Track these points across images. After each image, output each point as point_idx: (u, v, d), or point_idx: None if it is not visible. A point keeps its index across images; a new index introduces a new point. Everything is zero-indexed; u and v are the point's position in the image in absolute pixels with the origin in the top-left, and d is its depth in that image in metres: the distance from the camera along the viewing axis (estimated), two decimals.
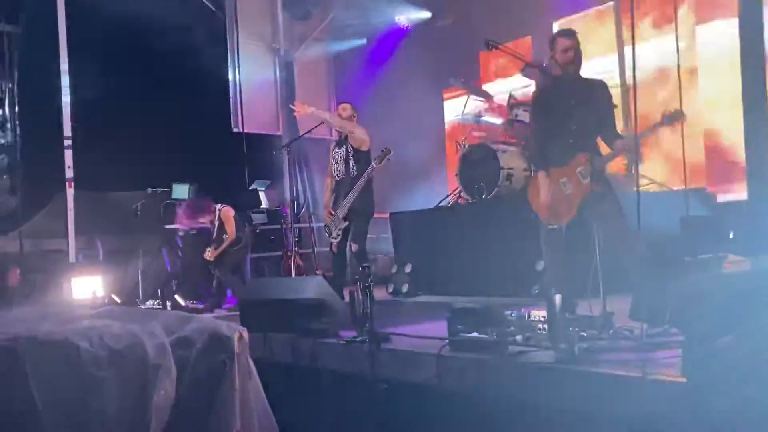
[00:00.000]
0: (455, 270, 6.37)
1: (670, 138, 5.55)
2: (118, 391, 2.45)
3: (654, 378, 2.64)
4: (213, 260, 6.91)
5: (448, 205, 7.34)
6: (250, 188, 9.22)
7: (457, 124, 8.01)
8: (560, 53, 4.14)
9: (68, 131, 7.32)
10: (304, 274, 7.55)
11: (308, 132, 6.76)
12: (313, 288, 4.59)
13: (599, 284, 3.62)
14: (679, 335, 2.94)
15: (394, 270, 6.90)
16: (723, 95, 6.43)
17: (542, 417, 3.07)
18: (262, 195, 9.30)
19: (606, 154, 4.12)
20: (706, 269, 3.35)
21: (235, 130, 9.43)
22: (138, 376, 2.48)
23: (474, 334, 3.45)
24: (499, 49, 5.57)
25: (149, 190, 8.11)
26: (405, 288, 6.68)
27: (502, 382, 3.21)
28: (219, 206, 7.06)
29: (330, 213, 5.93)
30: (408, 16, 9.70)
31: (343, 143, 5.95)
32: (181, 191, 8.19)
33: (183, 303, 6.84)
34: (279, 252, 8.45)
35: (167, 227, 7.82)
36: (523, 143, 6.45)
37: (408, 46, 9.58)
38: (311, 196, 10.21)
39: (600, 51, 7.46)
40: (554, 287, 4.08)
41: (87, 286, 6.57)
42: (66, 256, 7.16)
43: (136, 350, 2.52)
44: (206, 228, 7.10)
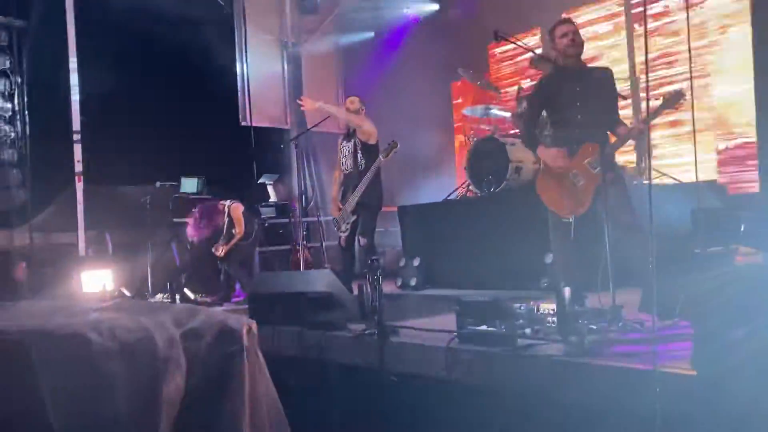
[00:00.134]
0: (464, 263, 6.35)
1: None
2: (129, 384, 2.45)
3: (664, 371, 2.62)
4: (223, 255, 6.92)
5: (457, 199, 7.32)
6: (259, 182, 9.23)
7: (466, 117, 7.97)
8: (559, 39, 4.11)
9: (77, 126, 7.36)
10: (312, 268, 7.56)
11: (316, 126, 6.76)
12: (322, 281, 4.60)
13: (609, 277, 3.60)
14: (690, 328, 2.92)
15: (403, 263, 6.89)
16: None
17: (551, 410, 3.06)
18: (270, 189, 9.32)
19: (613, 142, 4.07)
20: (718, 262, 3.33)
21: (243, 124, 9.44)
22: (148, 369, 2.48)
23: (483, 327, 3.45)
24: (508, 41, 5.53)
25: (158, 184, 8.13)
26: (413, 281, 6.68)
27: (511, 376, 3.21)
28: (228, 203, 7.05)
29: (338, 207, 5.94)
30: (416, 8, 9.66)
31: (351, 137, 5.94)
32: (190, 185, 8.20)
33: (192, 296, 6.88)
34: (287, 246, 8.47)
35: (176, 221, 7.84)
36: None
37: (416, 39, 9.54)
38: (319, 190, 10.21)
39: (609, 41, 7.41)
40: (563, 280, 4.08)
41: (97, 280, 6.61)
42: (76, 250, 7.21)
43: (147, 343, 2.52)
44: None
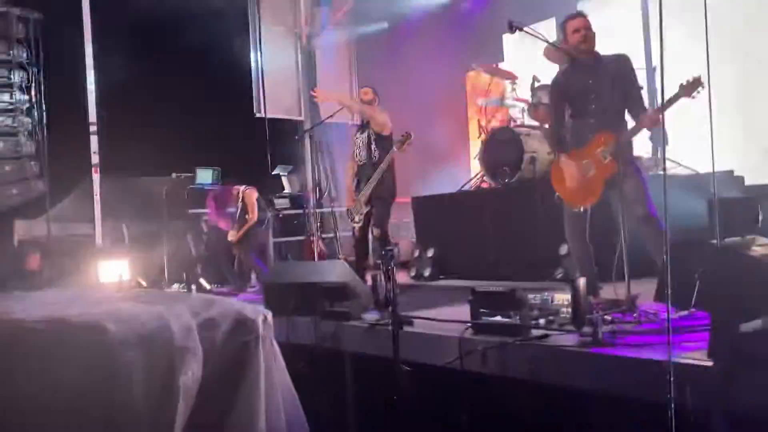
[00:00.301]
0: (478, 254, 6.35)
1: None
2: (145, 373, 2.47)
3: (680, 362, 2.60)
4: (236, 242, 6.95)
5: (471, 189, 7.30)
6: (273, 173, 9.25)
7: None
8: (571, 34, 4.05)
9: (93, 117, 7.41)
10: (326, 259, 7.59)
11: (330, 117, 6.76)
12: (336, 271, 4.62)
13: (624, 267, 3.58)
14: (706, 319, 2.91)
15: (417, 254, 6.90)
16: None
17: (565, 401, 3.06)
18: (285, 180, 9.34)
19: (629, 129, 3.98)
20: (734, 253, 3.30)
21: (258, 116, 9.46)
22: (165, 358, 2.50)
23: (497, 318, 3.45)
24: (523, 31, 5.48)
25: (174, 176, 8.17)
26: (427, 272, 6.69)
27: (525, 366, 3.21)
28: (243, 188, 7.10)
29: (352, 198, 5.95)
30: None
31: (365, 128, 5.94)
32: (205, 176, 8.22)
33: (208, 287, 6.93)
34: (301, 237, 8.49)
35: (192, 212, 7.89)
36: (546, 126, 6.37)
37: (430, 29, 9.49)
38: (333, 181, 10.22)
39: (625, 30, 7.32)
40: (578, 271, 4.07)
41: (113, 270, 6.66)
42: (92, 241, 7.27)
43: (163, 332, 2.54)
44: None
